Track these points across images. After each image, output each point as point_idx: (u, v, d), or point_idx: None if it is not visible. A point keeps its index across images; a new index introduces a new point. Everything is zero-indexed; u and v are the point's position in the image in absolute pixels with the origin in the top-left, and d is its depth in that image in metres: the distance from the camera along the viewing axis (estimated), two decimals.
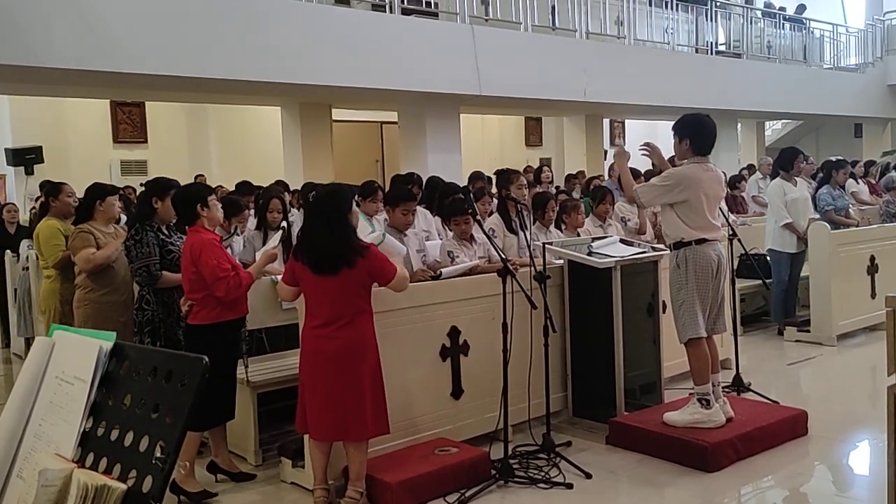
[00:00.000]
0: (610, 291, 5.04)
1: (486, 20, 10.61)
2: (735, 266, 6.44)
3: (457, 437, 4.69)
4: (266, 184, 8.24)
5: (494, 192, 7.39)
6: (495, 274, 4.46)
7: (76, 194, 5.90)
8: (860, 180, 11.30)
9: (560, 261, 5.33)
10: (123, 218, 6.10)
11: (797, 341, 7.53)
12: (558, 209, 6.40)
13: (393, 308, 4.44)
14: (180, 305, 4.44)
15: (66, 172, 10.42)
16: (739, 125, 17.20)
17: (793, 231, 7.60)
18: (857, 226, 8.58)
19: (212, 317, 4.28)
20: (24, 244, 7.97)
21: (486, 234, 4.88)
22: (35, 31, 6.88)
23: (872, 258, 7.78)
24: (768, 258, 7.86)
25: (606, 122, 17.46)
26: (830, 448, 4.96)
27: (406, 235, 5.38)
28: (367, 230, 5.46)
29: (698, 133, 4.78)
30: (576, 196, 9.33)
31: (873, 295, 7.69)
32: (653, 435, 4.72)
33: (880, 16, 18.74)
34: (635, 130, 19.13)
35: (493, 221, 6.07)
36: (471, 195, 5.28)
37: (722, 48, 15.20)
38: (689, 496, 4.25)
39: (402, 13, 9.79)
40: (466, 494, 4.16)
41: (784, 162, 7.81)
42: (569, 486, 4.29)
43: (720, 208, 5.09)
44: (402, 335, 4.53)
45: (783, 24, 16.63)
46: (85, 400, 1.60)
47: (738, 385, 5.83)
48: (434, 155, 10.41)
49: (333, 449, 4.08)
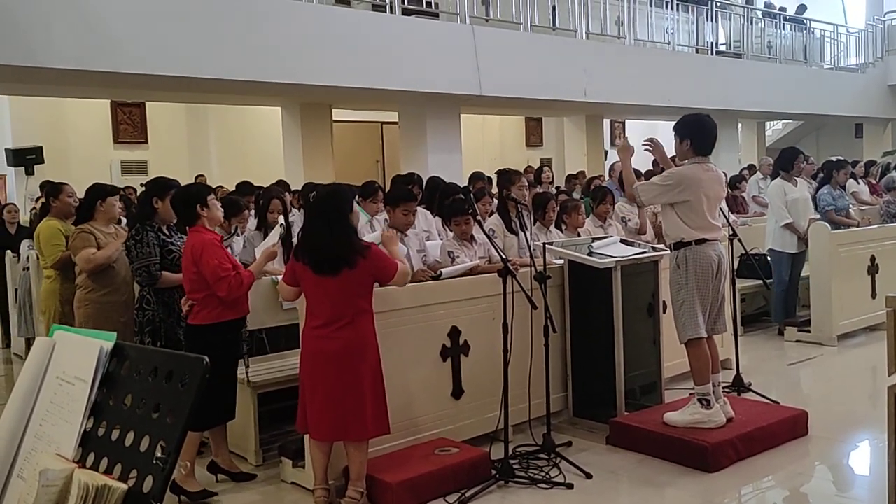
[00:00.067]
0: (610, 291, 5.04)
1: (487, 20, 10.61)
2: (735, 266, 6.44)
3: (457, 438, 4.69)
4: (266, 184, 8.23)
5: (495, 193, 7.38)
6: (496, 274, 4.46)
7: (77, 194, 5.90)
8: (861, 180, 11.30)
9: (560, 261, 5.33)
10: (123, 220, 6.10)
11: (797, 341, 7.53)
12: (559, 209, 6.40)
13: (393, 308, 4.44)
14: (181, 305, 4.44)
15: (67, 173, 10.41)
16: (740, 125, 17.19)
17: (793, 231, 7.60)
18: (858, 226, 8.58)
19: (212, 317, 4.28)
20: (25, 244, 7.98)
21: (487, 235, 4.88)
22: (35, 32, 6.87)
23: (873, 258, 7.78)
24: (769, 258, 7.86)
25: (607, 123, 17.46)
26: (831, 448, 4.96)
27: (406, 236, 5.37)
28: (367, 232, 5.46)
29: (699, 133, 4.79)
30: (576, 196, 9.33)
31: (874, 295, 7.69)
32: (653, 435, 4.73)
33: (881, 16, 18.74)
34: (636, 130, 19.12)
35: (493, 222, 6.07)
36: (471, 195, 5.28)
37: (722, 48, 15.20)
38: (690, 496, 4.25)
39: (403, 13, 9.79)
40: (467, 494, 4.16)
41: (784, 162, 7.82)
42: (569, 487, 4.29)
43: (720, 208, 5.09)
44: (403, 335, 4.53)
45: (784, 25, 16.63)
46: (86, 400, 1.60)
47: (739, 385, 5.83)
48: (434, 155, 10.40)
49: (334, 449, 4.08)
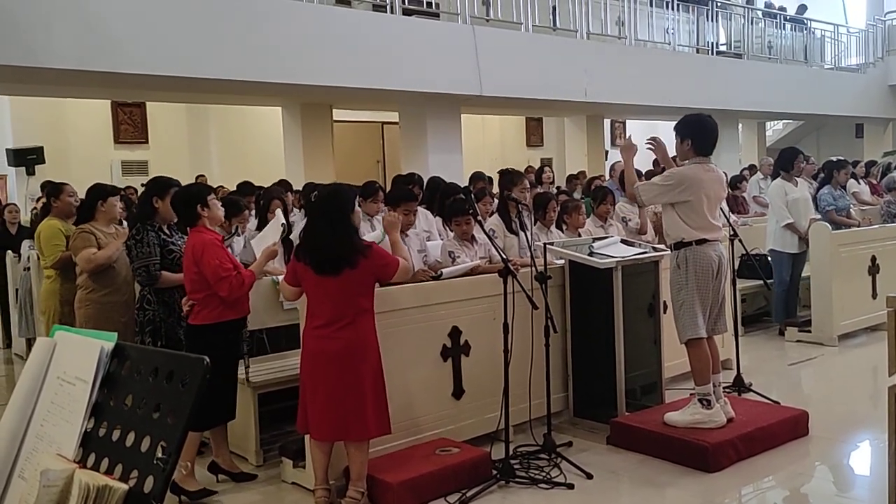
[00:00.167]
0: (611, 292, 5.04)
1: (487, 20, 10.60)
2: (736, 266, 6.44)
3: (458, 438, 4.69)
4: (267, 184, 8.24)
5: (496, 193, 7.38)
6: (496, 274, 4.45)
7: (77, 194, 5.91)
8: (861, 180, 11.30)
9: (561, 261, 5.33)
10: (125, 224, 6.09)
11: (798, 341, 7.53)
12: (559, 209, 6.39)
13: (394, 308, 4.45)
14: (181, 305, 4.44)
15: (67, 173, 10.41)
16: (740, 125, 17.18)
17: (794, 231, 7.60)
18: (859, 226, 8.58)
19: (213, 317, 4.28)
20: (26, 244, 7.98)
21: (487, 235, 4.88)
22: (35, 32, 6.87)
23: (873, 258, 7.78)
24: (769, 258, 7.86)
25: (607, 123, 17.46)
26: (831, 448, 4.96)
27: (407, 236, 5.37)
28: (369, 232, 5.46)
29: (700, 133, 4.79)
30: (577, 196, 9.32)
31: (874, 295, 7.69)
32: (654, 435, 4.72)
33: (881, 16, 18.73)
34: (636, 131, 19.12)
35: (494, 222, 6.06)
36: (472, 195, 5.28)
37: (723, 48, 15.19)
38: (690, 496, 4.25)
39: (403, 13, 9.78)
40: (467, 494, 4.16)
41: (784, 162, 7.82)
42: (570, 487, 4.29)
43: (721, 209, 5.09)
44: (404, 335, 4.53)
45: (784, 25, 16.62)
46: (86, 400, 1.60)
47: (739, 385, 5.83)
48: (435, 155, 10.39)
49: (334, 449, 4.08)
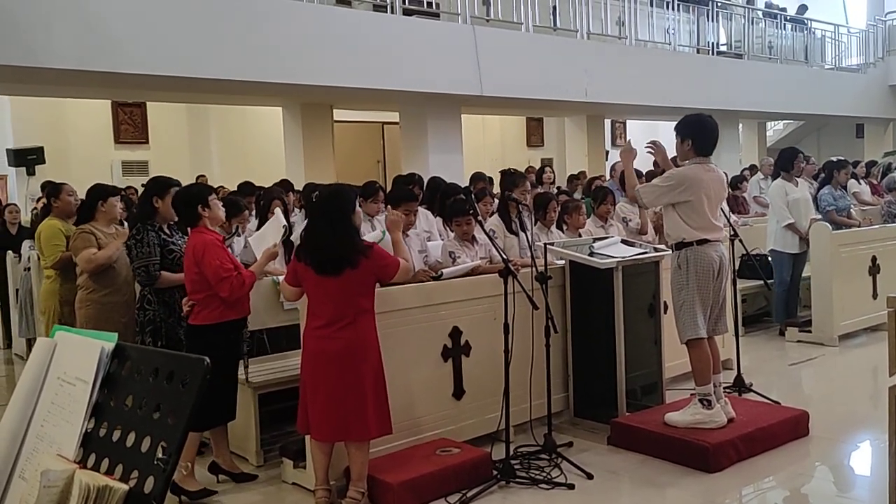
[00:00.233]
0: (611, 292, 5.04)
1: (488, 21, 10.60)
2: (737, 266, 6.43)
3: (458, 438, 4.69)
4: (267, 184, 8.23)
5: (497, 193, 7.38)
6: (497, 274, 4.45)
7: (77, 193, 5.91)
8: (862, 181, 11.30)
9: (561, 261, 5.33)
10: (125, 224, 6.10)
11: (799, 342, 7.52)
12: (560, 210, 6.39)
13: (394, 308, 4.44)
14: (182, 305, 4.44)
15: (68, 173, 10.41)
16: (741, 125, 17.18)
17: (795, 231, 7.59)
18: (859, 226, 8.57)
19: (213, 317, 4.28)
20: (26, 245, 7.98)
21: (488, 235, 4.88)
22: (35, 32, 6.87)
23: (874, 259, 7.78)
24: (770, 259, 7.86)
25: (608, 123, 17.45)
26: (832, 449, 4.96)
27: (408, 236, 5.37)
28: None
29: (700, 133, 4.78)
30: (577, 197, 9.32)
31: (875, 295, 7.69)
32: (654, 435, 4.72)
33: (882, 16, 18.73)
34: (637, 131, 19.12)
35: (494, 222, 6.06)
36: (472, 196, 5.28)
37: (723, 48, 15.18)
38: (691, 496, 4.25)
39: (404, 13, 9.78)
40: (468, 495, 4.15)
41: (784, 162, 7.81)
42: (570, 487, 4.29)
43: (721, 209, 5.09)
44: (404, 336, 4.53)
45: (784, 25, 16.61)
46: (87, 401, 1.60)
47: (740, 385, 5.83)
48: (435, 155, 10.39)
49: (335, 449, 4.08)
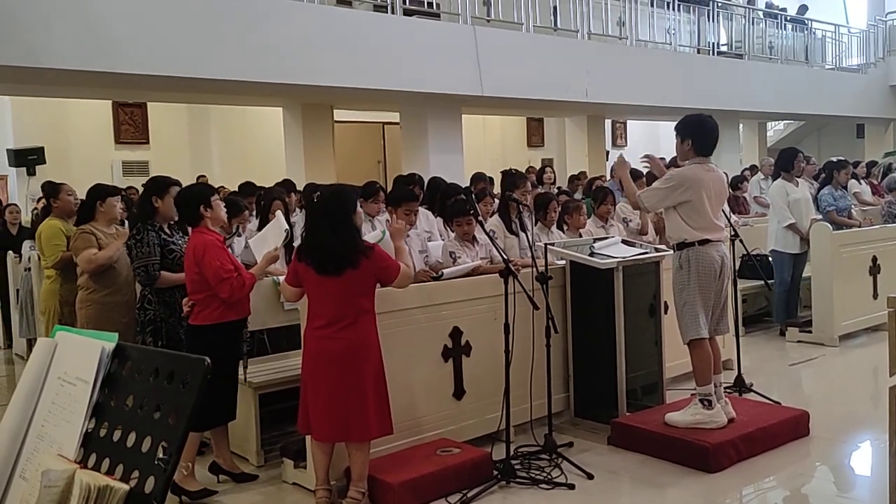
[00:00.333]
0: (612, 292, 5.04)
1: (488, 21, 10.61)
2: (737, 267, 6.43)
3: (459, 438, 4.69)
4: (268, 184, 8.22)
5: (497, 193, 7.38)
6: (497, 275, 4.45)
7: (76, 193, 5.91)
8: (862, 181, 11.30)
9: (562, 261, 5.33)
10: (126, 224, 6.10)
11: (799, 342, 7.52)
12: (560, 210, 6.40)
13: (395, 309, 4.44)
14: (182, 305, 4.44)
15: (68, 173, 10.41)
16: (741, 126, 17.18)
17: (795, 232, 7.59)
18: (860, 226, 8.57)
19: (213, 317, 4.28)
20: (27, 245, 7.99)
21: (488, 235, 4.88)
22: (36, 32, 6.87)
23: (874, 259, 7.78)
24: (770, 259, 7.85)
25: (608, 123, 17.45)
26: (832, 449, 4.96)
27: (408, 236, 5.37)
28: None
29: (700, 133, 4.78)
30: (577, 197, 9.32)
31: (875, 295, 7.68)
32: (654, 435, 4.72)
33: (882, 16, 18.73)
34: (637, 131, 19.13)
35: (494, 223, 6.06)
36: (472, 196, 5.28)
37: (724, 49, 15.18)
38: (691, 496, 4.25)
39: (404, 14, 9.79)
40: (468, 495, 4.15)
41: (784, 162, 7.81)
42: (570, 487, 4.29)
43: (721, 209, 5.08)
44: (405, 336, 4.53)
45: (785, 25, 16.61)
46: (87, 401, 1.60)
47: (740, 386, 5.83)
48: (436, 155, 10.39)
49: (335, 449, 4.08)
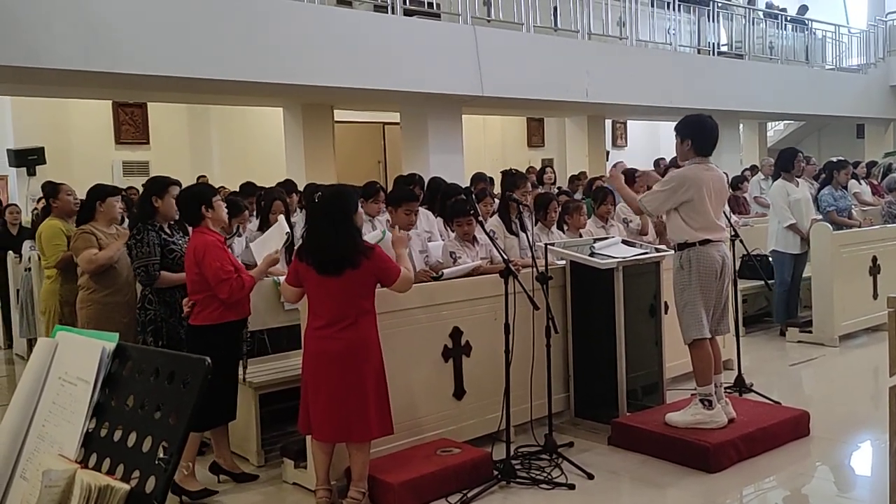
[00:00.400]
0: (612, 292, 5.04)
1: (489, 21, 10.61)
2: (737, 267, 6.43)
3: (459, 438, 4.69)
4: (268, 185, 8.22)
5: (497, 193, 7.38)
6: (497, 275, 4.45)
7: (76, 193, 5.91)
8: (862, 181, 11.30)
9: (562, 262, 5.33)
10: (126, 222, 6.09)
11: (799, 342, 7.52)
12: (560, 210, 6.40)
13: (395, 309, 4.44)
14: (183, 306, 4.44)
15: (68, 173, 10.42)
16: (741, 126, 17.18)
17: (796, 232, 7.59)
18: (860, 227, 8.57)
19: (213, 317, 4.29)
20: (27, 245, 8.00)
21: (489, 236, 4.88)
22: (36, 32, 6.88)
23: (874, 259, 7.78)
24: (770, 259, 7.85)
25: (609, 123, 17.45)
26: (832, 449, 4.96)
27: (409, 236, 5.37)
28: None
29: (700, 133, 4.78)
30: (578, 197, 9.32)
31: (875, 296, 7.68)
32: (655, 436, 4.72)
33: (882, 16, 18.72)
34: (637, 131, 19.13)
35: (494, 223, 6.06)
36: (473, 196, 5.27)
37: (724, 49, 15.18)
38: (691, 496, 4.25)
39: (404, 14, 9.79)
40: (469, 495, 4.16)
41: (784, 163, 7.80)
42: (571, 487, 4.29)
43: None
44: (405, 336, 4.53)
45: (785, 25, 16.60)
46: (88, 400, 1.60)
47: (741, 386, 5.83)
48: (436, 156, 10.39)
49: (336, 449, 4.09)
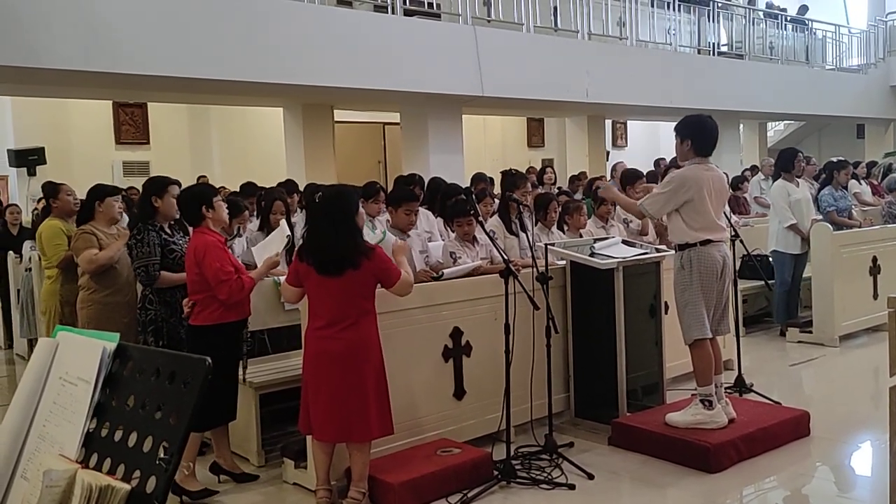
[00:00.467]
0: (612, 292, 5.05)
1: (489, 21, 10.60)
2: (737, 267, 6.43)
3: (459, 438, 4.69)
4: (268, 185, 8.22)
5: (497, 193, 7.38)
6: (498, 275, 4.46)
7: (76, 193, 5.91)
8: (862, 181, 11.30)
9: (562, 262, 5.33)
10: (126, 218, 6.08)
11: (799, 342, 7.53)
12: (560, 210, 6.40)
13: (395, 309, 4.44)
14: (183, 306, 4.44)
15: (69, 173, 10.42)
16: (741, 126, 17.17)
17: (797, 232, 7.58)
18: (860, 227, 8.57)
19: (213, 318, 4.29)
20: (27, 245, 8.00)
21: (489, 236, 4.88)
22: (37, 32, 6.88)
23: (875, 259, 7.78)
24: (771, 259, 7.85)
25: (609, 123, 17.45)
26: (832, 449, 4.96)
27: (409, 236, 5.37)
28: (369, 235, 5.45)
29: (700, 134, 4.79)
30: (578, 197, 9.32)
31: (875, 296, 7.68)
32: (655, 436, 4.73)
33: (882, 17, 18.72)
34: (637, 131, 19.13)
35: (494, 223, 6.07)
36: (473, 196, 5.28)
37: (724, 49, 15.18)
38: (692, 497, 4.25)
39: (404, 14, 9.79)
40: (469, 495, 4.16)
41: (784, 163, 7.80)
42: (571, 487, 4.29)
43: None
44: (405, 336, 4.53)
45: (785, 25, 16.60)
46: (89, 401, 1.60)
47: (741, 386, 5.83)
48: (436, 156, 10.39)
49: (336, 449, 4.09)
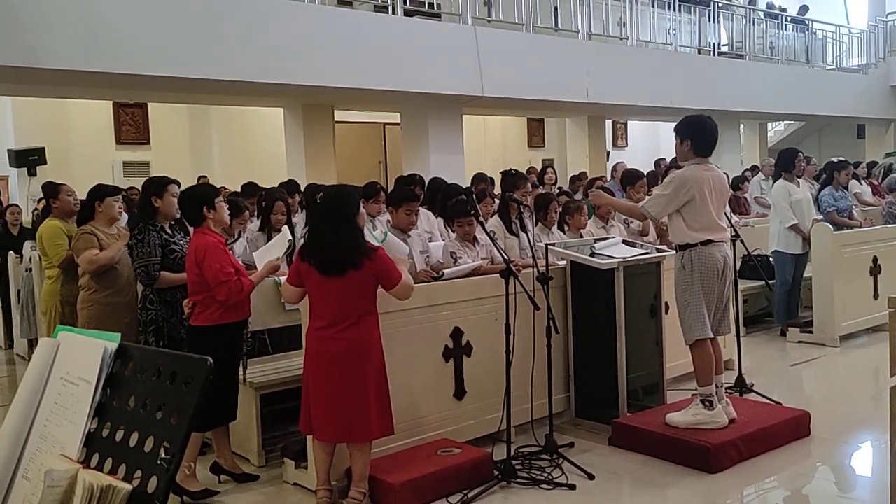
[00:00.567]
0: (613, 292, 5.05)
1: (489, 21, 10.61)
2: (738, 267, 6.43)
3: (460, 438, 4.69)
4: (269, 185, 8.22)
5: (498, 194, 7.38)
6: (498, 275, 4.46)
7: (76, 193, 5.91)
8: (863, 181, 11.31)
9: (563, 262, 5.33)
10: (125, 217, 6.07)
11: (800, 342, 7.53)
12: (561, 210, 6.40)
13: (396, 309, 4.43)
14: (183, 306, 4.44)
15: (69, 174, 10.42)
16: (742, 126, 17.17)
17: (798, 232, 7.58)
18: (860, 227, 8.57)
19: (213, 318, 4.29)
20: (28, 245, 8.00)
21: (489, 236, 4.88)
22: (37, 33, 6.88)
23: (875, 259, 7.78)
24: (771, 259, 7.85)
25: (609, 123, 17.45)
26: (833, 449, 4.96)
27: (409, 236, 5.37)
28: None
29: (700, 134, 4.79)
30: (578, 198, 9.32)
31: (876, 296, 7.69)
32: (655, 436, 4.73)
33: (883, 17, 18.73)
34: (637, 131, 19.13)
35: (494, 223, 6.07)
36: (473, 196, 5.28)
37: (724, 49, 15.18)
38: (692, 497, 4.26)
39: (405, 14, 9.79)
40: (469, 495, 4.16)
41: (785, 163, 7.80)
42: (571, 487, 4.29)
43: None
44: (405, 336, 4.53)
45: (786, 25, 16.60)
46: (90, 401, 1.60)
47: (741, 386, 5.83)
48: (436, 156, 10.39)
49: (337, 449, 4.09)
